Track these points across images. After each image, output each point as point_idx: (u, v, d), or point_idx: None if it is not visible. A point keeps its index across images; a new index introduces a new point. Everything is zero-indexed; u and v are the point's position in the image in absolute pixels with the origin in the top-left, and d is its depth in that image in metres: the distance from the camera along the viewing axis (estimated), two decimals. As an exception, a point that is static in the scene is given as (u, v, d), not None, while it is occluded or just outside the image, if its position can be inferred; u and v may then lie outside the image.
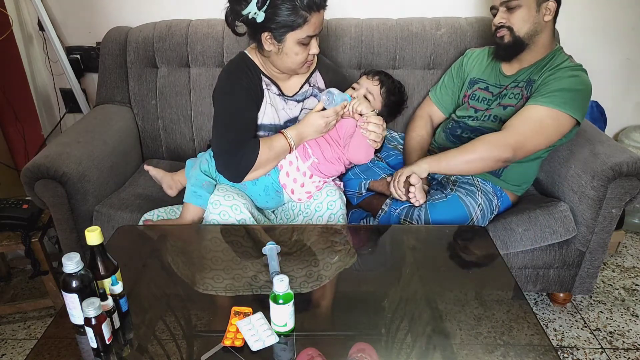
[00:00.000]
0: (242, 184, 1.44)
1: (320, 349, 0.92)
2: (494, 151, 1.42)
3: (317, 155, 1.46)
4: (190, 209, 1.43)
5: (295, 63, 1.38)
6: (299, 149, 1.47)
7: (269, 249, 1.16)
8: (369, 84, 1.58)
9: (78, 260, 0.90)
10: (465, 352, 0.94)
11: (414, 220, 1.42)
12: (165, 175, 1.62)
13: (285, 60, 1.37)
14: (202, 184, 1.44)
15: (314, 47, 1.37)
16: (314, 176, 1.47)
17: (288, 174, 1.46)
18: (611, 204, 1.47)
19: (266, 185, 1.46)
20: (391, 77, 1.65)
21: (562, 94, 1.41)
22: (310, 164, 1.46)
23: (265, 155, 1.38)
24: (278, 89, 1.47)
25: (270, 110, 1.45)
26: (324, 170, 1.48)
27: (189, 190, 1.45)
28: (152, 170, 1.62)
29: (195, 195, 1.43)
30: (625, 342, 1.63)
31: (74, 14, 2.02)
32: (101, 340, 0.89)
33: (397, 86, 1.65)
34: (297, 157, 1.47)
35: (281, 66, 1.40)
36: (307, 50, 1.36)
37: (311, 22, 1.30)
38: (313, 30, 1.33)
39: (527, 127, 1.42)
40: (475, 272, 1.22)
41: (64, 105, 2.19)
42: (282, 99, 1.48)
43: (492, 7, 1.51)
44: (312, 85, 1.53)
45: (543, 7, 1.43)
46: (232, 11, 1.33)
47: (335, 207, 1.43)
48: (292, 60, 1.37)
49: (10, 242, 1.62)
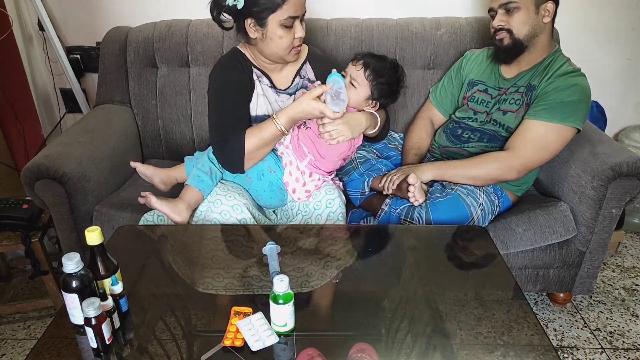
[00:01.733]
0: (248, 178, 1.45)
1: (320, 349, 0.92)
2: (499, 174, 1.48)
3: (312, 152, 1.46)
4: (190, 191, 1.42)
5: (281, 48, 1.38)
6: (294, 149, 1.47)
7: (269, 249, 1.16)
8: (352, 70, 1.49)
9: (78, 260, 0.90)
10: (465, 352, 0.94)
11: (414, 219, 1.42)
12: (157, 171, 1.59)
13: (271, 45, 1.38)
14: (207, 170, 1.44)
15: (298, 30, 1.37)
16: (313, 174, 1.47)
17: (290, 173, 1.46)
18: (611, 204, 1.47)
19: (271, 182, 1.46)
20: (381, 57, 1.51)
21: (563, 107, 1.42)
22: (308, 161, 1.46)
23: (254, 143, 1.38)
24: (270, 80, 1.49)
25: (263, 101, 1.47)
26: (322, 167, 1.47)
27: (194, 174, 1.45)
28: (140, 166, 1.55)
29: (197, 179, 1.43)
30: (625, 342, 1.63)
31: (74, 14, 2.02)
32: (101, 340, 0.89)
33: (387, 66, 1.49)
34: (295, 157, 1.47)
35: (268, 53, 1.41)
36: (292, 33, 1.37)
37: (291, 1, 1.31)
38: (294, 11, 1.33)
39: (531, 148, 1.45)
40: (475, 272, 1.22)
41: (64, 105, 2.19)
42: (274, 91, 1.50)
43: (491, 9, 1.51)
44: (303, 77, 1.53)
45: (542, 9, 1.43)
46: (215, 4, 1.36)
47: (334, 205, 1.43)
48: (276, 44, 1.37)
49: (10, 242, 1.63)
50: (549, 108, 1.43)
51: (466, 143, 1.61)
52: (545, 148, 1.45)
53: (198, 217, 1.39)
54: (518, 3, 1.42)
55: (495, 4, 1.48)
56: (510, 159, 1.46)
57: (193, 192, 1.43)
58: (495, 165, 1.48)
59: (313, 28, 1.83)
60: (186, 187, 1.45)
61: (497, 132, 1.56)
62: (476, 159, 1.51)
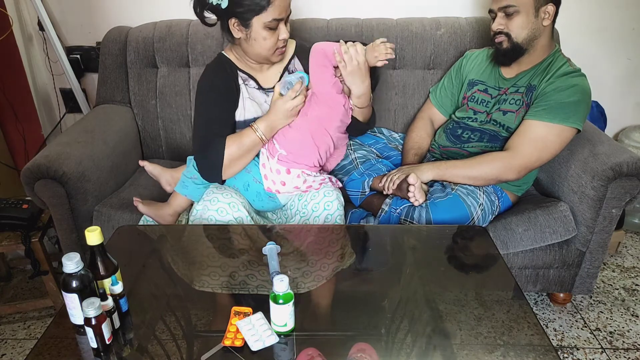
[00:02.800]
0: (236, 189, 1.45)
1: (320, 349, 0.92)
2: (499, 174, 1.48)
3: (285, 147, 1.43)
4: (176, 196, 1.48)
5: (265, 49, 1.38)
6: (268, 146, 1.45)
7: (268, 248, 1.16)
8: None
9: (78, 260, 0.90)
10: (465, 352, 0.94)
11: (415, 219, 1.42)
12: (163, 171, 1.60)
13: (255, 46, 1.38)
14: (191, 176, 1.45)
15: (283, 31, 1.37)
16: (291, 170, 1.43)
17: (266, 176, 1.44)
18: (611, 204, 1.47)
19: (258, 192, 1.45)
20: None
21: (563, 107, 1.42)
22: (278, 157, 1.42)
23: (234, 152, 1.37)
24: (256, 82, 1.48)
25: (250, 105, 1.46)
26: (299, 160, 1.43)
27: (180, 180, 1.49)
28: (149, 165, 1.59)
29: (182, 185, 1.47)
30: (625, 342, 1.63)
31: (74, 14, 2.02)
32: (101, 340, 0.89)
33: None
34: (267, 157, 1.44)
35: (252, 54, 1.41)
36: (276, 35, 1.37)
37: (275, 4, 1.31)
38: (279, 14, 1.33)
39: (532, 148, 1.45)
40: (475, 272, 1.22)
41: (64, 105, 2.19)
42: (262, 92, 1.49)
43: (491, 10, 1.50)
44: (291, 72, 1.52)
45: (542, 12, 1.43)
46: (197, 1, 1.37)
47: (332, 207, 1.42)
48: (260, 45, 1.38)
49: (10, 242, 1.62)
50: (549, 108, 1.43)
51: (466, 143, 1.61)
52: (546, 148, 1.45)
53: (195, 215, 1.39)
54: (517, 7, 1.42)
55: (495, 6, 1.47)
56: (510, 159, 1.46)
57: (179, 198, 1.47)
58: (495, 166, 1.48)
59: (313, 28, 1.83)
60: (173, 193, 1.49)
61: (497, 132, 1.56)
62: (476, 159, 1.51)
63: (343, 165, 1.66)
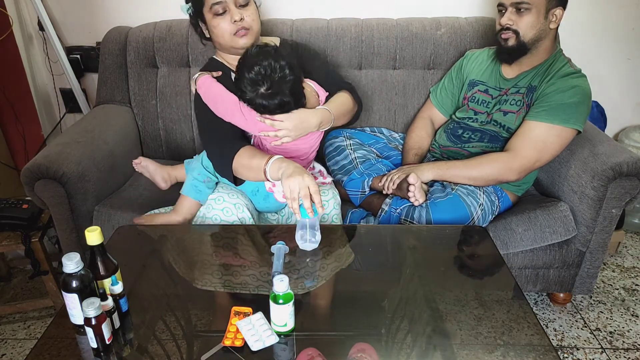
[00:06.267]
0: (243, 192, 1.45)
1: (320, 349, 0.92)
2: (499, 174, 1.48)
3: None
4: (186, 202, 1.44)
5: (222, 36, 1.42)
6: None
7: (277, 248, 1.16)
8: None
9: (78, 260, 0.90)
10: (465, 352, 0.94)
11: (415, 219, 1.42)
12: (159, 168, 1.59)
13: (218, 37, 1.43)
14: (204, 179, 1.44)
15: (234, 13, 1.38)
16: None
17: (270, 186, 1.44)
18: (611, 204, 1.47)
19: (266, 195, 1.45)
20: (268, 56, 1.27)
21: (564, 108, 1.41)
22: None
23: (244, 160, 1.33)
24: None
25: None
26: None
27: (190, 184, 1.44)
28: (145, 161, 1.58)
29: (195, 190, 1.43)
30: (625, 342, 1.63)
31: (74, 14, 2.01)
32: (101, 340, 0.89)
33: (266, 71, 1.26)
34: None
35: (221, 46, 1.46)
36: (227, 18, 1.39)
37: None
38: None
39: (532, 149, 1.45)
40: (476, 272, 1.22)
41: (64, 105, 2.19)
42: None
43: (501, 4, 1.47)
44: None
45: (551, 14, 1.42)
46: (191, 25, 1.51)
47: (329, 207, 1.43)
48: (219, 33, 1.42)
49: (10, 242, 1.62)
50: (550, 109, 1.43)
51: (467, 143, 1.61)
52: (546, 149, 1.45)
53: (199, 214, 1.40)
54: (531, 5, 1.41)
55: (507, 0, 1.45)
56: (511, 160, 1.46)
57: (190, 204, 1.43)
58: (495, 166, 1.48)
59: (313, 28, 1.83)
60: (183, 197, 1.44)
61: (498, 132, 1.56)
62: (476, 159, 1.51)
63: (343, 165, 1.66)
